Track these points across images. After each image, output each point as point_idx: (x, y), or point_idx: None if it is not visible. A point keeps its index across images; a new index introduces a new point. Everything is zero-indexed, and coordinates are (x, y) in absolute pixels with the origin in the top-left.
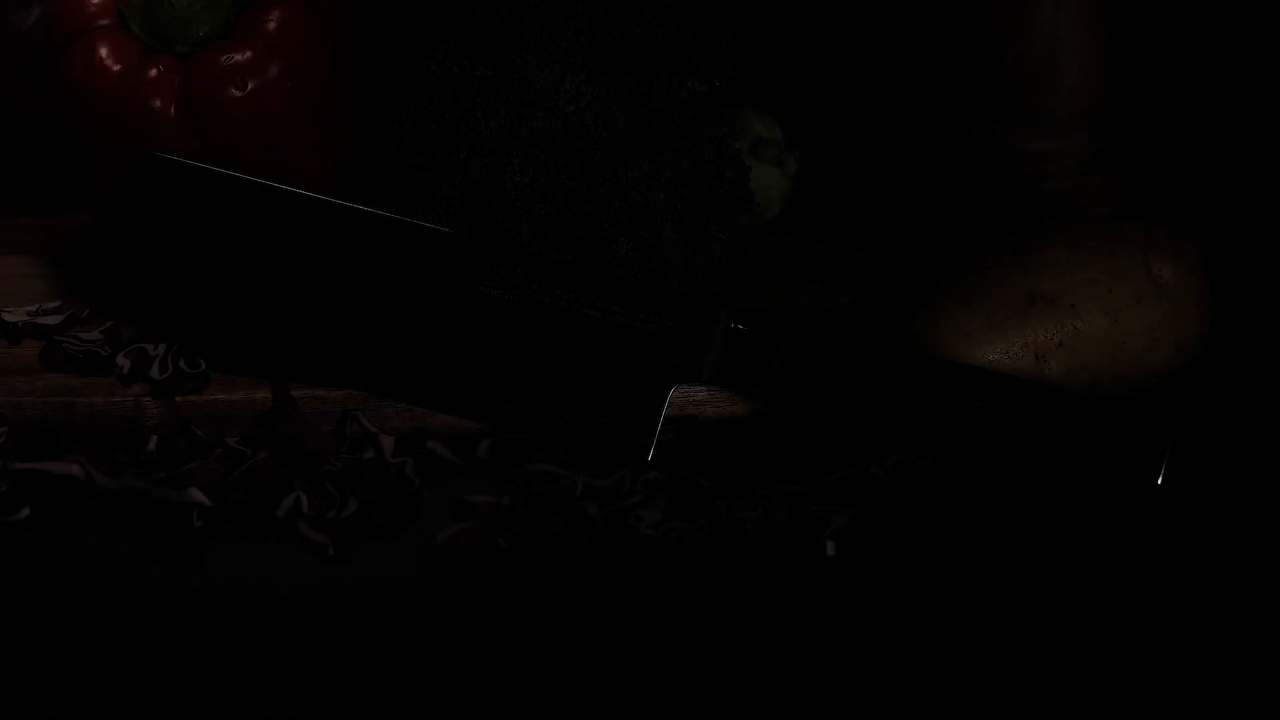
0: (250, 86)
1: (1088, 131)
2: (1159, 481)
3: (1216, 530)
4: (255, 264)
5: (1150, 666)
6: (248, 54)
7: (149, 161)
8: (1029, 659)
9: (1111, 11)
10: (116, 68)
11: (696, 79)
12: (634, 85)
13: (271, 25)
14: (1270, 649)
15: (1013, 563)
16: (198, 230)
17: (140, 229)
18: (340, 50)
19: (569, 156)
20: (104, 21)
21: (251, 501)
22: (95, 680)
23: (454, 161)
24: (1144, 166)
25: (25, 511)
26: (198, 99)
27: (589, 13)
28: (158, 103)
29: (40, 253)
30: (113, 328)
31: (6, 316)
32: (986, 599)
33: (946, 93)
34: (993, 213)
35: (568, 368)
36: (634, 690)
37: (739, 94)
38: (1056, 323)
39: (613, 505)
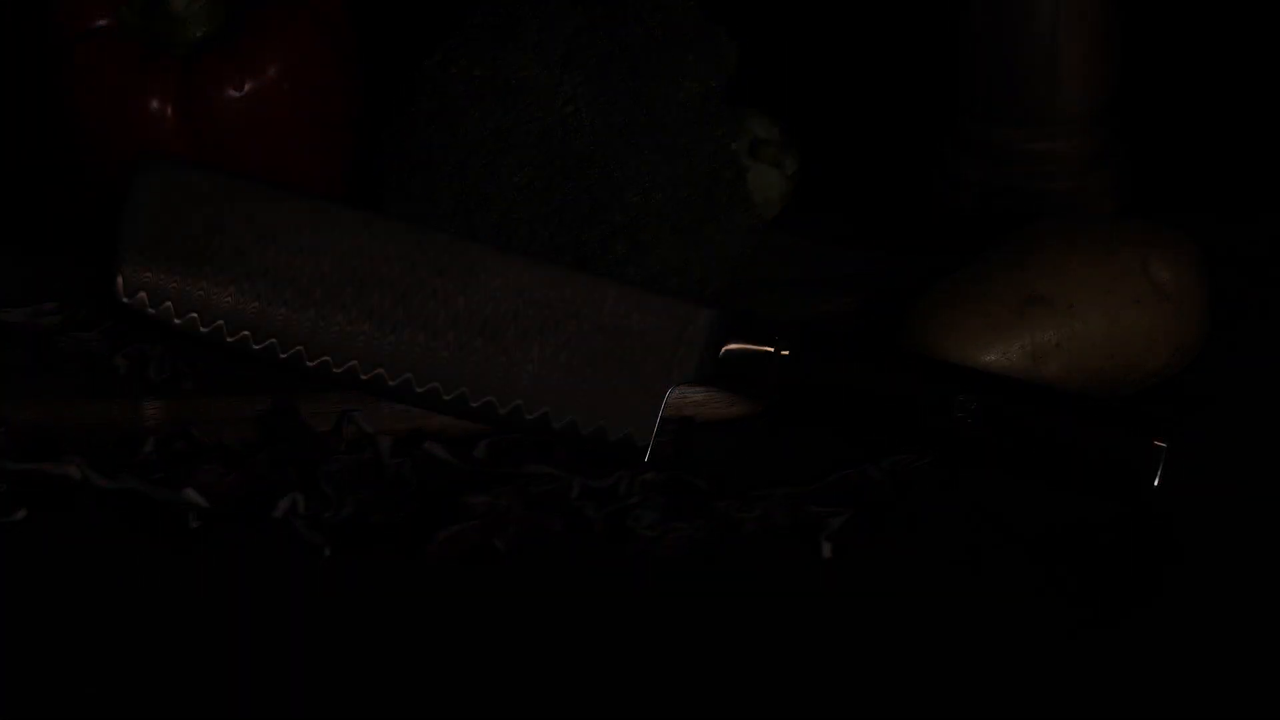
0: (248, 87)
1: (1088, 131)
2: (1156, 483)
3: (1215, 531)
4: (254, 264)
5: (1150, 667)
6: (246, 55)
7: (148, 162)
8: (1030, 659)
9: (1111, 11)
10: (115, 69)
11: (695, 79)
12: (632, 86)
13: (270, 26)
14: (1270, 648)
15: (1013, 563)
16: (196, 230)
17: (139, 229)
18: (339, 50)
19: (566, 157)
20: (102, 22)
21: (249, 502)
22: (94, 680)
23: (452, 162)
24: (1144, 166)
25: (23, 512)
26: (196, 100)
27: (587, 13)
28: (156, 103)
29: (40, 253)
30: (111, 328)
31: (5, 316)
32: (986, 600)
33: (946, 93)
34: (993, 213)
35: (565, 369)
36: (633, 692)
37: (739, 94)
38: (1055, 323)
39: (610, 506)
